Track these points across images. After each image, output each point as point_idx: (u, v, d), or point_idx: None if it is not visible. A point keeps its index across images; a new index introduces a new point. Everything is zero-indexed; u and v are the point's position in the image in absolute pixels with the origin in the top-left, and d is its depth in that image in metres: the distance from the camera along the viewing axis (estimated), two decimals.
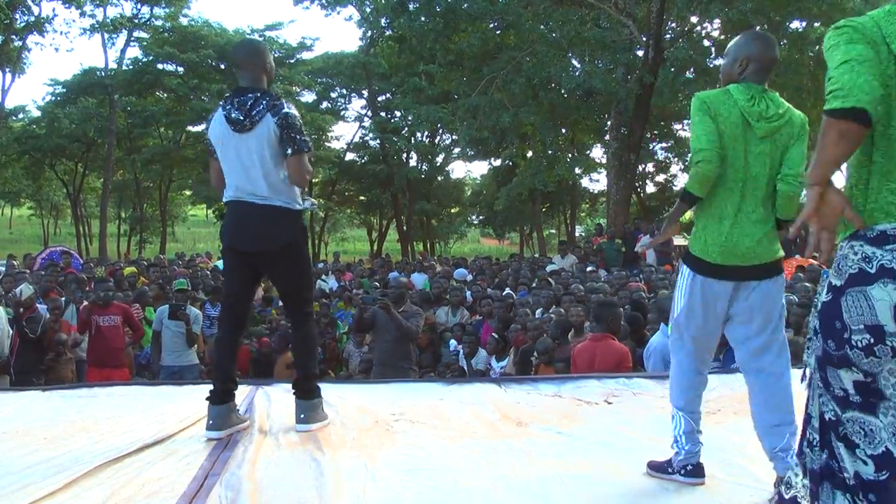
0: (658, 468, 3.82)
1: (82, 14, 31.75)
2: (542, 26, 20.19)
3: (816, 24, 21.58)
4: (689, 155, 3.67)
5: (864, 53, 2.26)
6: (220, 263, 18.60)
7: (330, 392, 5.27)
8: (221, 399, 4.50)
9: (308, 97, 37.37)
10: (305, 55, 36.35)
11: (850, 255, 2.27)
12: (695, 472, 3.73)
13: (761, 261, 3.54)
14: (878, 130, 2.32)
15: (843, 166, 2.50)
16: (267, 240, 4.48)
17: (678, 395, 3.79)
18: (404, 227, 37.40)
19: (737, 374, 4.52)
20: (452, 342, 10.11)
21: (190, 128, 35.38)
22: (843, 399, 2.27)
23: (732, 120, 3.49)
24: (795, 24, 23.34)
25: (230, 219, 4.56)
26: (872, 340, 2.17)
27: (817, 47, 19.85)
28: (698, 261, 3.59)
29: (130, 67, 34.07)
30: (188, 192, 41.03)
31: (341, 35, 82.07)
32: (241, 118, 4.34)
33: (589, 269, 14.60)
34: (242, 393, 5.36)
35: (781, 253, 3.65)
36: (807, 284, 9.63)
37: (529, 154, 28.11)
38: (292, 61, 35.58)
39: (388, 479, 3.72)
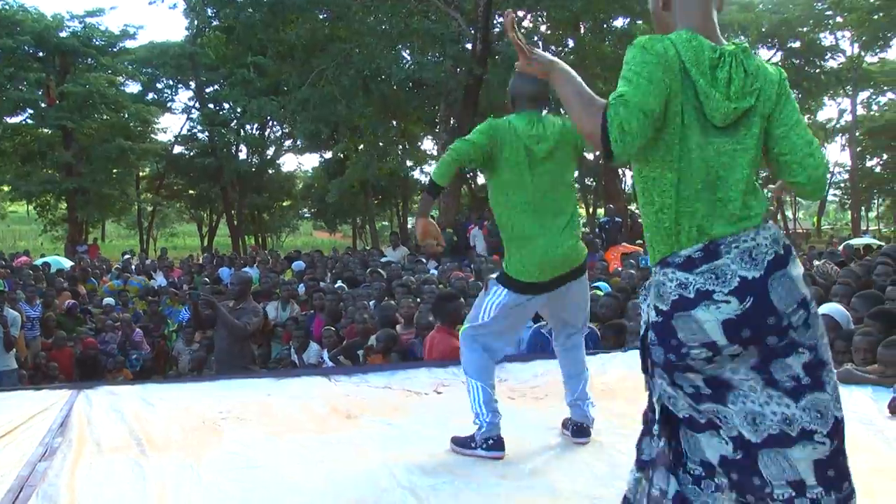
0: (461, 444, 3.98)
1: None
2: (370, 18, 20.21)
3: (639, 22, 22.47)
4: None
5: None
6: (49, 261, 17.71)
7: (155, 392, 5.15)
8: None
9: (133, 87, 36.03)
10: (129, 44, 34.78)
11: (666, 282, 2.31)
12: (496, 445, 3.88)
13: (573, 266, 3.90)
14: (673, 152, 2.32)
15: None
16: None
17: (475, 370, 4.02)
18: (235, 222, 36.68)
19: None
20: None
21: (7, 119, 33.36)
22: (696, 395, 2.34)
23: (515, 149, 3.81)
24: (619, 22, 24.29)
25: None
26: (711, 354, 2.26)
27: None
28: (517, 281, 3.87)
29: None
30: (7, 188, 38.78)
31: (166, 24, 79.71)
32: None
33: (418, 260, 14.69)
34: (63, 397, 5.18)
35: (586, 252, 4.02)
36: (632, 272, 10.00)
37: (361, 147, 28.07)
38: (115, 50, 34.15)
39: (215, 479, 3.68)
